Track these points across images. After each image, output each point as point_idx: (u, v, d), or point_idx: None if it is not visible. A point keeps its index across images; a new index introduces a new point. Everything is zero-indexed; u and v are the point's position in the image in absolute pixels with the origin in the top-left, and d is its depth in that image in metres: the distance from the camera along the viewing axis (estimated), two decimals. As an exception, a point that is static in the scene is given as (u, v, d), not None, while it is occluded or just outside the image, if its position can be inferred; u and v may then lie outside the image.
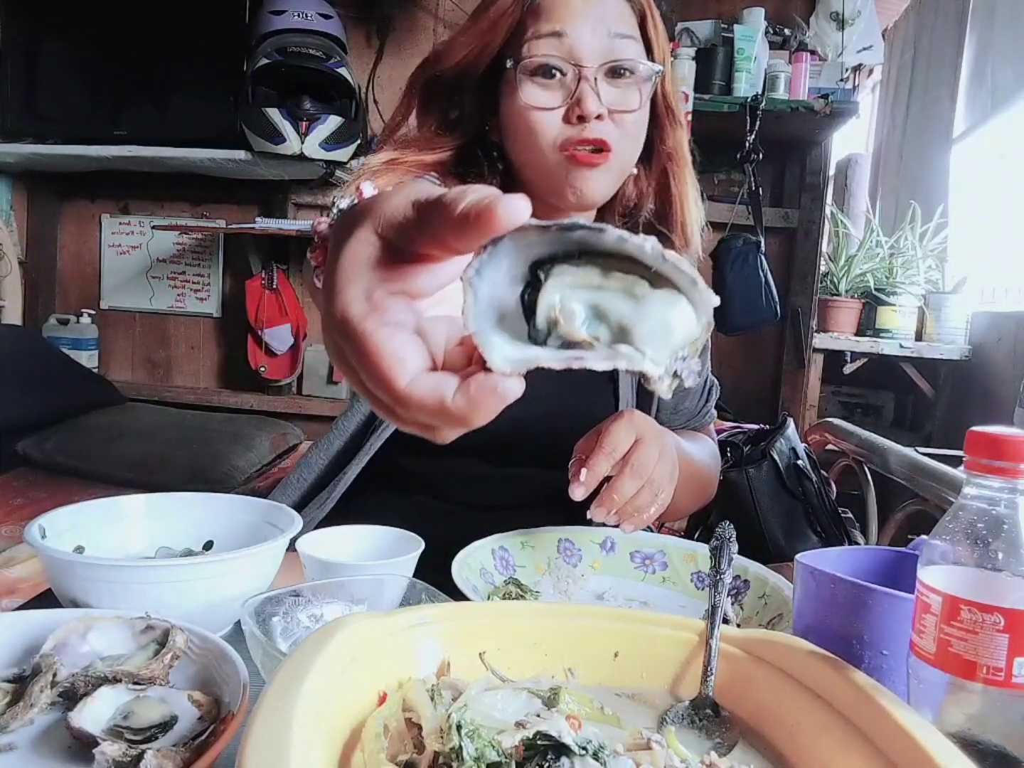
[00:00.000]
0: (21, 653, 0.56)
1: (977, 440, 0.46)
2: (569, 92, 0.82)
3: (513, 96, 0.83)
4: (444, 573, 0.72)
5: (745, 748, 0.49)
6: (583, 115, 0.80)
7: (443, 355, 0.34)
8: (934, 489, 1.17)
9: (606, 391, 0.99)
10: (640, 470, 0.73)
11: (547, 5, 0.81)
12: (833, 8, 2.56)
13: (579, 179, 0.83)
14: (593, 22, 0.81)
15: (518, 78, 0.82)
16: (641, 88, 0.84)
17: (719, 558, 0.59)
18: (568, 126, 0.82)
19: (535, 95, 0.82)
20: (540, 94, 0.82)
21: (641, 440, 0.74)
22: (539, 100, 0.82)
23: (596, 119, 0.81)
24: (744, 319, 2.42)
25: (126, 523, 0.77)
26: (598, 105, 0.80)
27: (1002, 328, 2.45)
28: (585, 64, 0.81)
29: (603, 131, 0.82)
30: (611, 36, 0.81)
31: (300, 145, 2.48)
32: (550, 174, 0.85)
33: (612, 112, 0.82)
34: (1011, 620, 0.43)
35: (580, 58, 0.81)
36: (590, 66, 0.81)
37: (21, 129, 2.75)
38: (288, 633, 0.60)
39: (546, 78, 0.82)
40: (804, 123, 2.48)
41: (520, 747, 0.42)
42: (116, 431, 2.22)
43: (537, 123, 0.83)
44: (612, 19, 0.82)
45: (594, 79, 0.81)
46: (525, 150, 0.86)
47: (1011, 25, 2.53)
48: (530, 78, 0.82)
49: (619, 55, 0.82)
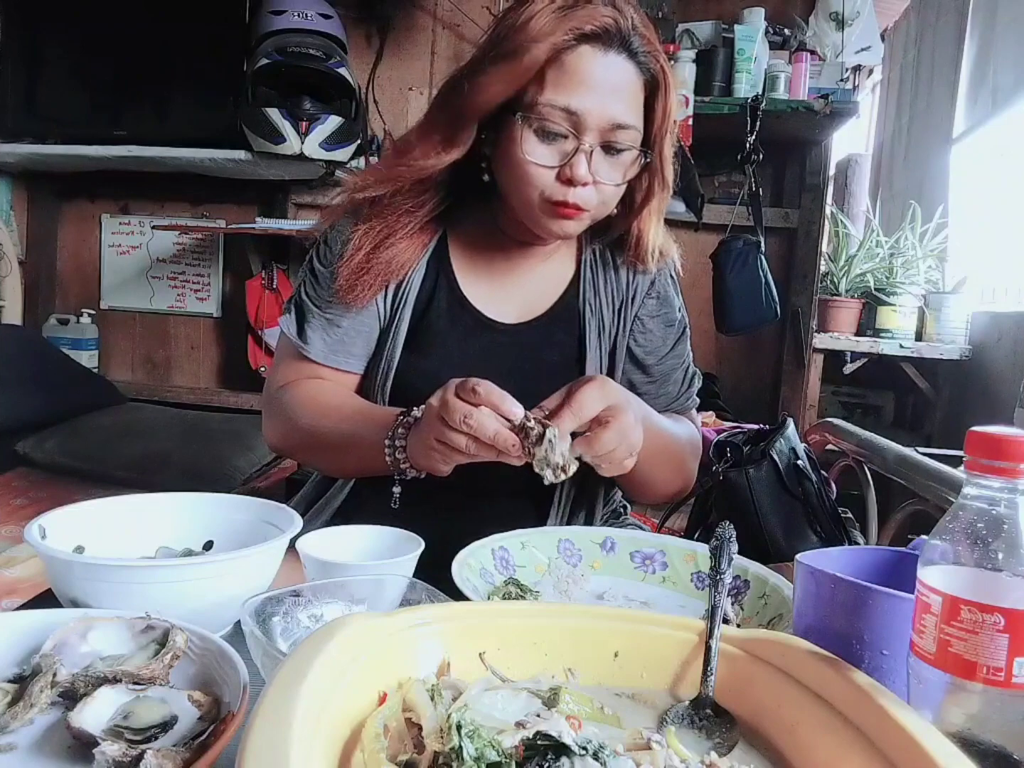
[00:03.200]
0: (21, 653, 0.56)
1: (977, 440, 0.46)
2: (565, 155, 0.89)
3: (514, 144, 0.90)
4: (441, 570, 0.73)
5: (745, 748, 0.49)
6: (572, 179, 0.89)
7: None
8: (934, 489, 1.17)
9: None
10: (625, 431, 0.78)
11: (569, 75, 0.87)
12: (832, 8, 2.56)
13: (556, 225, 0.93)
14: (602, 106, 0.87)
15: (522, 132, 0.89)
16: (630, 168, 0.93)
17: (719, 558, 0.59)
18: (557, 184, 0.90)
19: (535, 150, 0.89)
20: (539, 150, 0.90)
21: (617, 406, 0.78)
22: (537, 156, 0.89)
23: (582, 185, 0.89)
24: (744, 319, 2.42)
25: (126, 523, 0.77)
26: (587, 174, 0.89)
27: (1002, 328, 2.45)
28: (586, 137, 0.88)
29: (585, 197, 0.91)
30: (613, 127, 0.88)
31: (300, 145, 2.48)
32: (532, 214, 0.94)
33: (597, 182, 0.90)
34: (1011, 620, 0.43)
35: (582, 131, 0.88)
36: (590, 139, 0.88)
37: (21, 129, 2.75)
38: (288, 633, 0.60)
39: (548, 138, 0.89)
40: (804, 123, 2.48)
41: (520, 747, 0.42)
42: (116, 431, 2.22)
43: (530, 174, 0.90)
44: (621, 108, 0.89)
45: (590, 151, 0.88)
46: (514, 190, 0.94)
47: (1012, 25, 2.53)
48: (533, 132, 0.89)
49: (617, 140, 0.90)
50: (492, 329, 1.03)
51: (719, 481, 1.14)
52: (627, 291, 1.07)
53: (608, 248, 1.08)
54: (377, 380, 1.01)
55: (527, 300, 1.05)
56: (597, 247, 1.07)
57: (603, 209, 0.95)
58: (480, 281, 1.05)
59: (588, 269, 1.06)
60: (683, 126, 2.41)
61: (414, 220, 0.99)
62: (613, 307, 1.06)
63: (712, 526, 0.82)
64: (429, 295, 1.03)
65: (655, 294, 1.08)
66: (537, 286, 1.06)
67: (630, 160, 0.92)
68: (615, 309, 1.06)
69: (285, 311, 1.04)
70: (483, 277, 1.05)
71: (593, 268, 1.07)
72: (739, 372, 2.89)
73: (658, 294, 1.08)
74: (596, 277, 1.06)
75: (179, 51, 2.71)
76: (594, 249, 1.07)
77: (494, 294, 1.05)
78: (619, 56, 0.87)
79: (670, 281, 1.11)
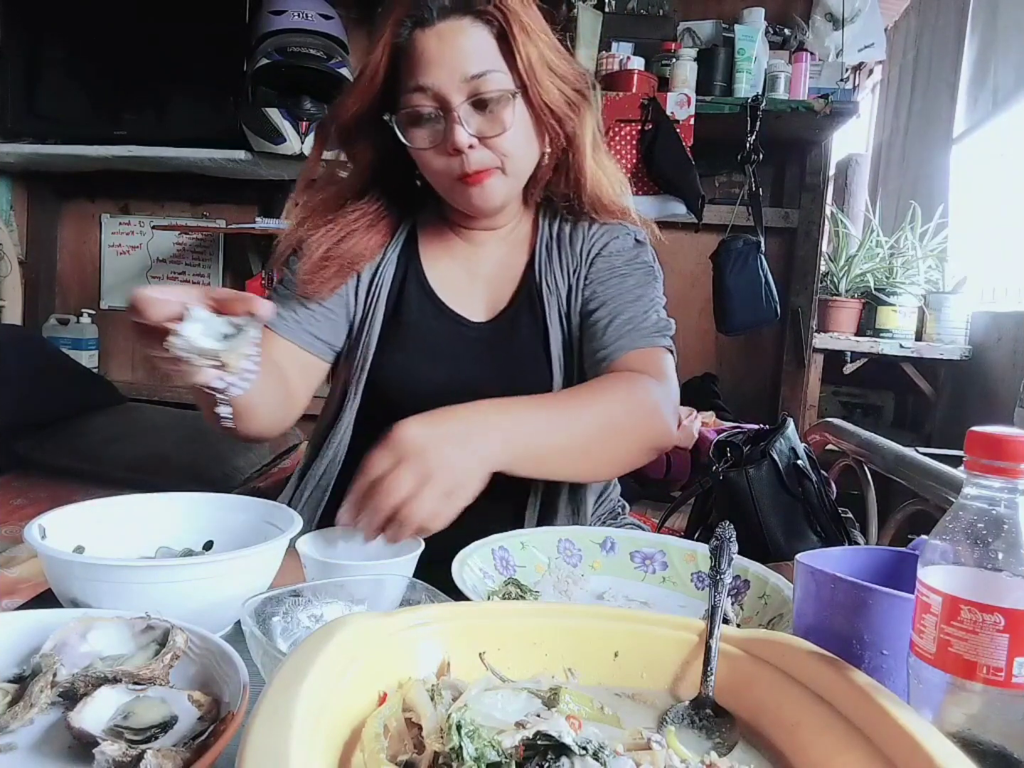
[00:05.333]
0: (21, 653, 0.56)
1: (977, 440, 0.46)
2: (442, 131, 0.94)
3: (403, 142, 0.97)
4: (443, 571, 0.73)
5: (745, 748, 0.49)
6: (457, 148, 0.93)
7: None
8: (934, 489, 1.17)
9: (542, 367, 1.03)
10: (389, 491, 0.69)
11: (414, 60, 0.93)
12: (829, 9, 2.56)
13: (474, 196, 0.97)
14: (449, 70, 0.91)
15: (401, 128, 0.96)
16: (505, 111, 0.94)
17: (719, 558, 0.59)
18: (450, 158, 0.95)
19: (416, 138, 0.96)
20: (419, 136, 0.96)
21: (402, 459, 0.70)
22: (420, 142, 0.96)
23: (469, 148, 0.93)
24: (744, 319, 2.42)
25: (126, 523, 0.77)
26: (467, 138, 0.92)
27: (1002, 328, 2.45)
28: (451, 104, 0.92)
29: (480, 159, 0.94)
30: (467, 80, 0.91)
31: (300, 145, 2.48)
32: (451, 196, 1.00)
33: (483, 139, 0.93)
34: (1011, 620, 0.43)
35: (444, 101, 0.92)
36: (455, 106, 0.92)
37: (21, 129, 2.75)
38: (288, 633, 0.60)
39: (422, 123, 0.95)
40: (804, 123, 2.48)
41: (520, 747, 0.42)
42: (116, 431, 2.22)
43: (425, 162, 0.97)
44: (468, 61, 0.92)
45: (459, 116, 0.92)
46: (427, 177, 1.00)
47: (1012, 25, 2.53)
48: (410, 124, 0.95)
49: (479, 91, 0.92)
50: (462, 324, 1.05)
51: (719, 481, 1.14)
52: (581, 258, 1.06)
53: (562, 220, 1.09)
54: (353, 374, 1.04)
55: (492, 294, 1.07)
56: (555, 224, 1.09)
57: (516, 162, 0.97)
58: (447, 276, 1.08)
59: (544, 248, 1.07)
60: (684, 126, 2.41)
61: (368, 216, 1.05)
62: (569, 281, 1.06)
63: (712, 526, 0.82)
64: (399, 289, 1.06)
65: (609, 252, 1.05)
66: (499, 276, 1.08)
67: (507, 104, 0.94)
68: (571, 284, 1.06)
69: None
70: (449, 271, 1.08)
71: (549, 246, 1.07)
72: (739, 372, 2.89)
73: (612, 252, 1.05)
74: (552, 255, 1.07)
75: (179, 51, 2.71)
76: (550, 225, 1.09)
77: (460, 289, 1.07)
78: (452, 22, 0.92)
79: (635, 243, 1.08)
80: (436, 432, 0.72)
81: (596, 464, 0.91)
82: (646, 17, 2.65)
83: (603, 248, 1.06)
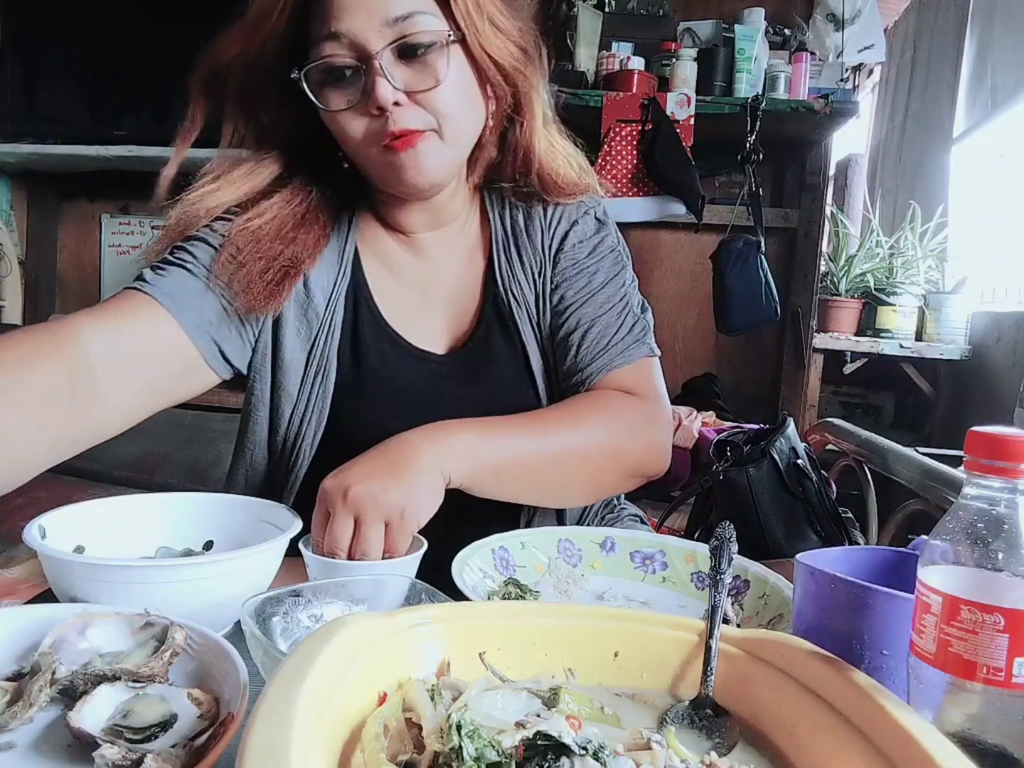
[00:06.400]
0: (19, 649, 0.56)
1: (977, 440, 0.46)
2: (363, 87, 0.78)
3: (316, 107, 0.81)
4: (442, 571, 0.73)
5: (745, 748, 0.49)
6: (381, 106, 0.77)
7: None
8: (934, 489, 1.17)
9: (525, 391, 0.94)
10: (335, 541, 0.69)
11: (325, 3, 0.77)
12: (830, 9, 2.56)
13: (406, 164, 0.80)
14: (368, 11, 0.76)
15: (310, 86, 0.80)
16: (439, 61, 0.78)
17: (719, 558, 0.59)
18: (373, 119, 0.79)
19: (331, 99, 0.80)
20: (335, 97, 0.80)
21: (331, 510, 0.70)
22: (335, 103, 0.80)
23: (395, 106, 0.77)
24: (744, 319, 2.43)
25: (126, 523, 0.77)
26: (392, 92, 0.77)
27: (1002, 328, 2.46)
28: (369, 54, 0.76)
29: (409, 117, 0.78)
30: (390, 23, 0.76)
31: (300, 145, 2.47)
32: (379, 171, 0.83)
33: (412, 94, 0.78)
34: (1011, 620, 0.43)
35: (363, 49, 0.76)
36: (374, 53, 0.76)
37: (21, 129, 2.75)
38: (288, 633, 0.60)
39: (338, 80, 0.79)
40: (804, 123, 2.48)
41: (520, 747, 0.42)
42: (116, 431, 2.22)
43: (344, 125, 0.80)
44: (390, 2, 0.76)
45: (381, 66, 0.76)
46: (353, 156, 0.84)
47: (1012, 25, 2.53)
48: (323, 83, 0.80)
49: (404, 34, 0.77)
50: (428, 361, 0.92)
51: (719, 481, 1.14)
52: (544, 255, 0.94)
53: (513, 207, 0.95)
54: (303, 429, 0.89)
55: (453, 318, 0.95)
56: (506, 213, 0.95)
57: (454, 124, 0.81)
58: (397, 301, 0.94)
59: (501, 250, 0.94)
60: (684, 126, 2.41)
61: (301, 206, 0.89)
62: (536, 288, 0.94)
63: (712, 526, 0.82)
64: (352, 328, 0.91)
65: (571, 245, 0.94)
66: (457, 294, 0.95)
67: (440, 52, 0.78)
68: (538, 291, 0.94)
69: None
70: (399, 296, 0.94)
71: (506, 246, 0.94)
72: (739, 372, 2.89)
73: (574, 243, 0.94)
74: (511, 256, 0.94)
75: (179, 51, 2.69)
76: (502, 216, 0.95)
77: (415, 316, 0.94)
78: None
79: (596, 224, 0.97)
80: (352, 474, 0.70)
81: (566, 488, 0.86)
82: (646, 17, 2.65)
83: (564, 239, 0.94)
